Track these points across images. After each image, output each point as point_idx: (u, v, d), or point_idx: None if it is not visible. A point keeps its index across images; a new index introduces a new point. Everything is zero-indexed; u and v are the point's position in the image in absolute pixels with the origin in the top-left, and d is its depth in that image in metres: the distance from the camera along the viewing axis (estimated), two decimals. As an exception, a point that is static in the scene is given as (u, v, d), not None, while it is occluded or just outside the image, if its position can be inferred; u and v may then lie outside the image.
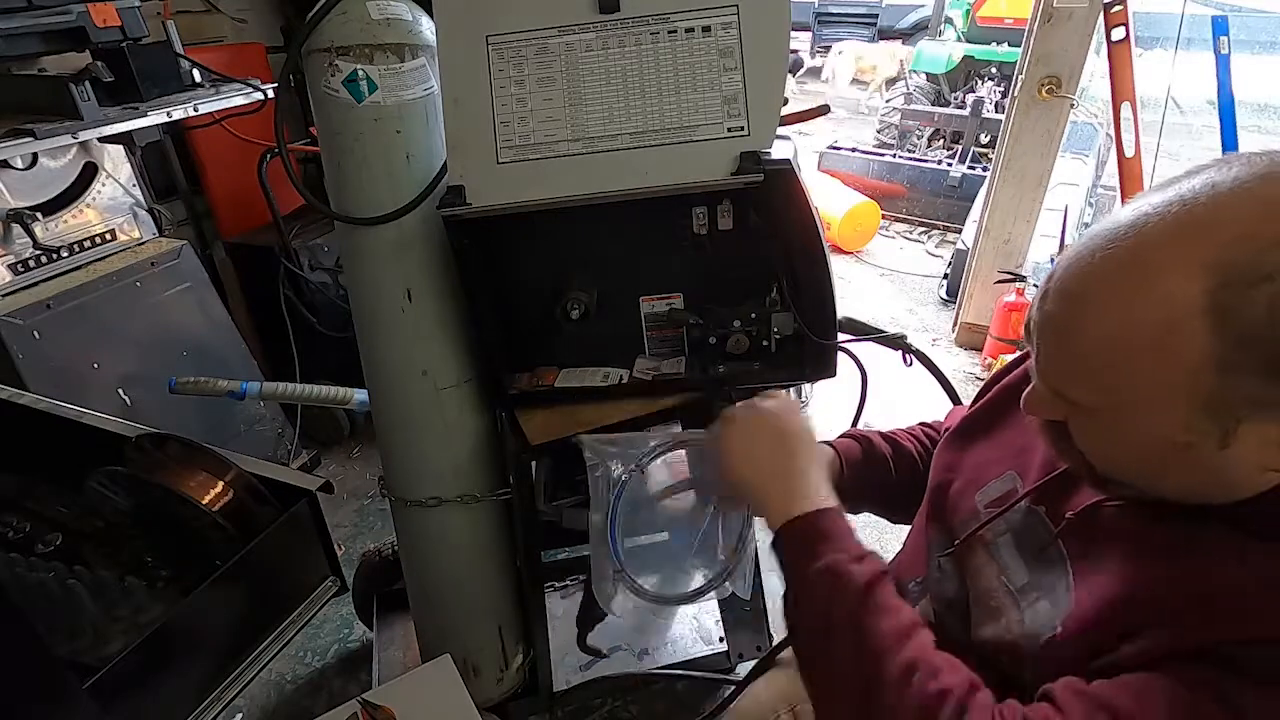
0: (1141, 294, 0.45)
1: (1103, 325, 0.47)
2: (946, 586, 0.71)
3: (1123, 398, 0.49)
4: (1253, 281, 0.42)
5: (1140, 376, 0.47)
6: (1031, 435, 0.68)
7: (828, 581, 0.60)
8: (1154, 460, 0.51)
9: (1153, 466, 0.51)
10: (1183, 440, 0.47)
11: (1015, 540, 0.65)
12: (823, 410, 2.71)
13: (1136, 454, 0.51)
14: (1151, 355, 0.46)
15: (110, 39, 1.68)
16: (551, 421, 1.15)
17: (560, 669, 1.54)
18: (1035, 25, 2.52)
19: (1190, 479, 0.51)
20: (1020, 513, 0.65)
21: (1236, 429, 0.46)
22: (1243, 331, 0.42)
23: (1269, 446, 0.46)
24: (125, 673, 0.88)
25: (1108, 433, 0.52)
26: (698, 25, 0.92)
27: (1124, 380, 0.48)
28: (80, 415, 1.29)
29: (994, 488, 0.69)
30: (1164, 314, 0.45)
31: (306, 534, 1.17)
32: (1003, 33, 5.60)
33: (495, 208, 0.95)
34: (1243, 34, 2.99)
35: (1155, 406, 0.47)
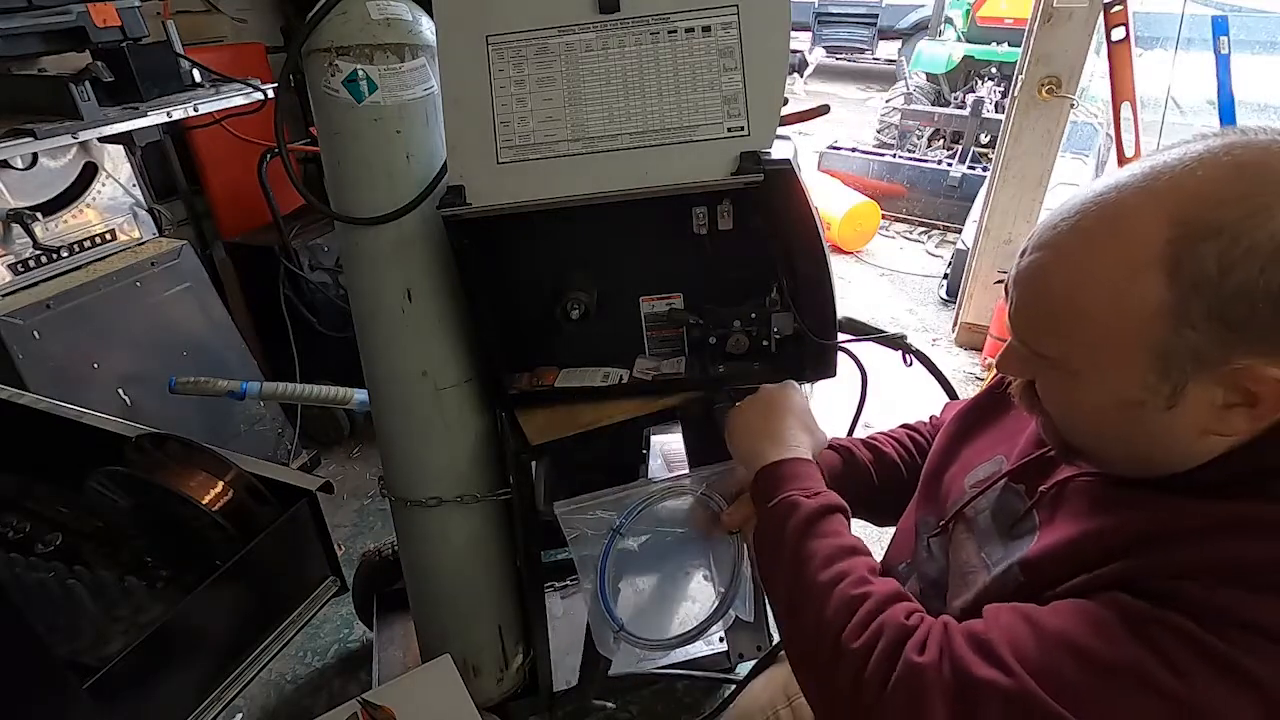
0: (1107, 244, 0.48)
1: (1071, 273, 0.50)
2: (931, 566, 0.73)
3: (1083, 350, 0.51)
4: (1205, 236, 0.44)
5: (1099, 326, 0.49)
6: (1023, 422, 0.70)
7: (781, 512, 0.68)
8: (1109, 422, 0.53)
9: (1107, 429, 0.54)
10: (1135, 397, 0.50)
11: (993, 516, 0.68)
12: (823, 410, 2.71)
13: (1093, 415, 0.54)
14: (1110, 303, 0.48)
15: (110, 39, 1.68)
16: (551, 421, 1.15)
17: (560, 669, 1.54)
18: (1035, 25, 2.52)
19: (1140, 445, 0.53)
20: (1000, 490, 0.68)
21: (1184, 388, 0.48)
22: (1193, 282, 0.45)
23: (1210, 409, 0.48)
24: (125, 673, 0.88)
25: (1069, 392, 0.54)
26: (698, 25, 0.92)
27: (1085, 330, 0.50)
28: (80, 415, 1.29)
29: (982, 470, 0.72)
30: (1125, 262, 0.47)
31: (306, 534, 1.17)
32: (1003, 33, 5.60)
33: (495, 208, 0.95)
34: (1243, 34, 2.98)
35: (1111, 359, 0.50)
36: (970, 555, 0.67)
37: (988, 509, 0.68)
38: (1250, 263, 0.43)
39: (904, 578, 0.76)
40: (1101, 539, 0.53)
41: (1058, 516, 0.60)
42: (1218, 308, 0.44)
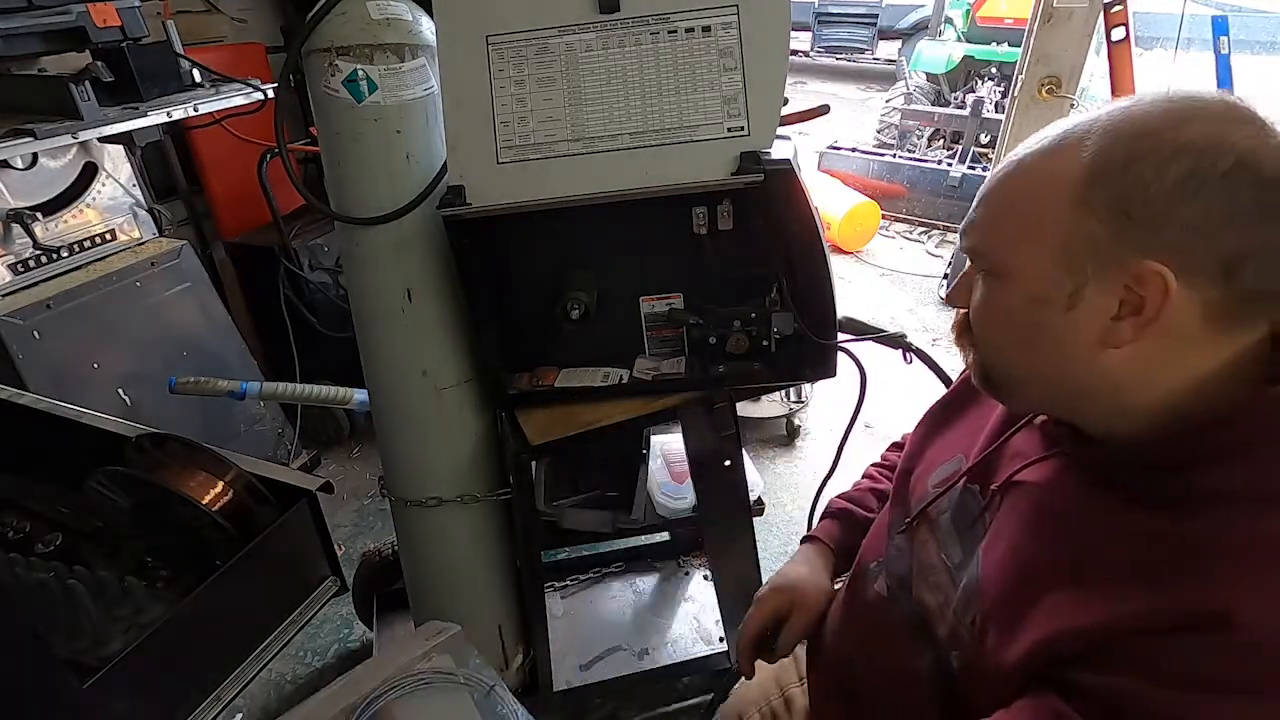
0: (1050, 152, 0.53)
1: (1015, 177, 0.55)
2: (899, 564, 0.74)
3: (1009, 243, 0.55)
4: (1121, 136, 0.49)
5: (1023, 213, 0.54)
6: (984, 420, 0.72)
7: None
8: (1018, 325, 0.55)
9: (1016, 334, 0.56)
10: (1042, 293, 0.52)
11: (953, 517, 0.69)
12: (823, 410, 2.71)
13: (1007, 319, 0.56)
14: (1034, 190, 0.53)
15: (110, 39, 1.68)
16: (551, 421, 1.15)
17: (560, 669, 1.54)
18: (1035, 25, 2.52)
19: (1043, 355, 0.55)
20: (959, 491, 0.69)
21: (1084, 289, 0.50)
22: (1101, 170, 0.49)
23: (1104, 319, 0.50)
24: (125, 673, 0.88)
25: (993, 300, 0.57)
26: (698, 25, 0.92)
27: (1012, 220, 0.54)
28: (80, 415, 1.29)
29: (944, 469, 0.73)
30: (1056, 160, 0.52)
31: (306, 534, 1.17)
32: (1003, 33, 5.60)
33: (495, 208, 0.95)
34: (1243, 34, 2.98)
35: (1028, 250, 0.53)
36: (931, 556, 0.69)
37: (948, 509, 0.70)
38: (1152, 159, 0.47)
39: (874, 575, 0.77)
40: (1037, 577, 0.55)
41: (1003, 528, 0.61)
42: (1119, 196, 0.48)
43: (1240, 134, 0.46)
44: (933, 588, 0.67)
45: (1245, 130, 0.46)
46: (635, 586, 1.79)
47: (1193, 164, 0.46)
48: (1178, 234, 0.47)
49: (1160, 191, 0.46)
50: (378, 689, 0.97)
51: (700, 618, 1.69)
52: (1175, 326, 0.48)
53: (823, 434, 2.64)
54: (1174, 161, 0.46)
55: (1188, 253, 0.47)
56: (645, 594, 1.77)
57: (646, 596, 1.77)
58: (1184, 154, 0.46)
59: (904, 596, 0.71)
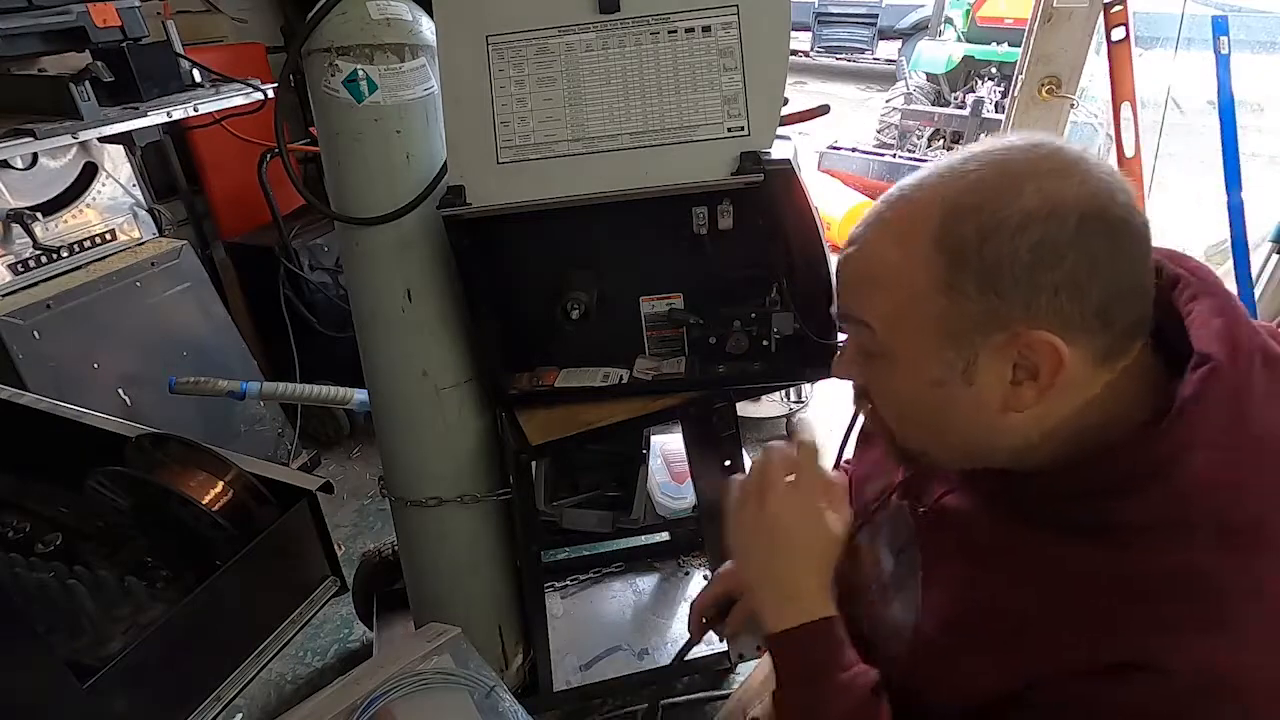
0: (897, 228, 0.53)
1: (871, 254, 0.55)
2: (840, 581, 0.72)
3: (886, 328, 0.54)
4: (966, 213, 0.49)
5: (893, 301, 0.53)
6: None
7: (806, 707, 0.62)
8: (924, 406, 0.55)
9: (925, 414, 0.56)
10: (937, 375, 0.52)
11: (886, 534, 0.69)
12: (822, 410, 2.71)
13: (911, 400, 0.56)
14: (897, 278, 0.52)
15: (110, 39, 1.68)
16: (551, 421, 1.15)
17: (560, 669, 1.54)
18: (1035, 25, 2.51)
19: (956, 429, 0.55)
20: (891, 508, 0.69)
21: (976, 362, 0.51)
22: (960, 253, 0.49)
23: (1003, 384, 0.51)
24: (125, 673, 0.88)
25: (888, 380, 0.57)
26: (698, 25, 0.92)
27: (884, 306, 0.54)
28: (80, 415, 1.29)
29: (878, 484, 0.73)
30: (908, 241, 0.52)
31: (306, 534, 1.17)
32: (1003, 33, 5.59)
33: (495, 208, 0.95)
34: (1243, 34, 2.98)
35: (909, 336, 0.53)
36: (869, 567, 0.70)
37: (882, 525, 0.70)
38: (1002, 232, 0.47)
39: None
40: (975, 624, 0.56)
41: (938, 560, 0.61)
42: (984, 276, 0.48)
43: (1073, 185, 0.47)
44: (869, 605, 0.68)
45: (1075, 179, 0.47)
46: (635, 586, 1.79)
47: (1041, 232, 0.47)
48: (1050, 299, 0.47)
49: (1021, 264, 0.47)
50: (378, 689, 0.98)
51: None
52: (1072, 380, 0.49)
53: (823, 434, 2.64)
54: (1023, 234, 0.47)
55: (1064, 313, 0.48)
56: (645, 594, 1.77)
57: (646, 596, 1.77)
58: (1031, 224, 0.47)
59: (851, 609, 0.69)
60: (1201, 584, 0.46)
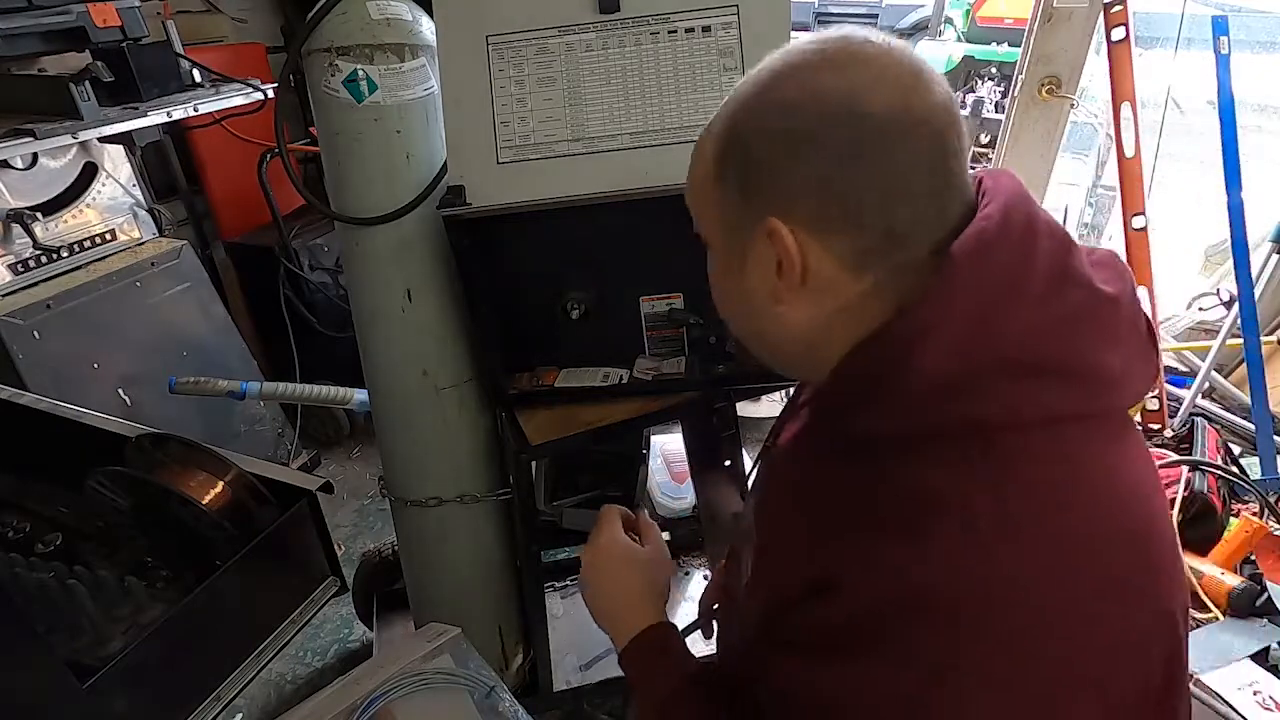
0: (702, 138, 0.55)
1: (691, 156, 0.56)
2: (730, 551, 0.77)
3: (696, 216, 0.57)
4: (732, 103, 0.51)
5: (694, 192, 0.56)
6: None
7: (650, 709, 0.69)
8: (727, 297, 0.58)
9: (729, 304, 0.59)
10: (725, 263, 0.56)
11: (755, 483, 0.71)
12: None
13: (717, 290, 0.60)
14: (695, 173, 0.55)
15: (110, 39, 1.68)
16: (551, 421, 1.15)
17: (560, 669, 1.54)
18: (1035, 25, 2.51)
19: (747, 318, 0.58)
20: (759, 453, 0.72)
21: (746, 255, 0.52)
22: (725, 139, 0.51)
23: (770, 278, 0.51)
24: (125, 673, 0.88)
25: (709, 271, 0.60)
26: (698, 25, 0.92)
27: (691, 194, 0.57)
28: (80, 415, 1.29)
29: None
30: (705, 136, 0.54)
31: (306, 534, 1.17)
32: (1003, 33, 5.59)
33: (495, 208, 0.95)
34: (1243, 34, 2.98)
35: (707, 227, 0.56)
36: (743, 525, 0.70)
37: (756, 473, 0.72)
38: (756, 122, 0.49)
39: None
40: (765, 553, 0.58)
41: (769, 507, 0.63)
42: (740, 166, 0.50)
43: (840, 80, 0.46)
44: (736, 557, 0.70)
45: (849, 73, 0.47)
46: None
47: (788, 123, 0.47)
48: (796, 190, 0.47)
49: (769, 155, 0.48)
50: (378, 689, 0.98)
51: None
52: (821, 278, 0.49)
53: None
54: (773, 124, 0.48)
55: (807, 206, 0.48)
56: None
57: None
58: (783, 115, 0.47)
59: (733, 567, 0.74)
60: (898, 497, 0.45)
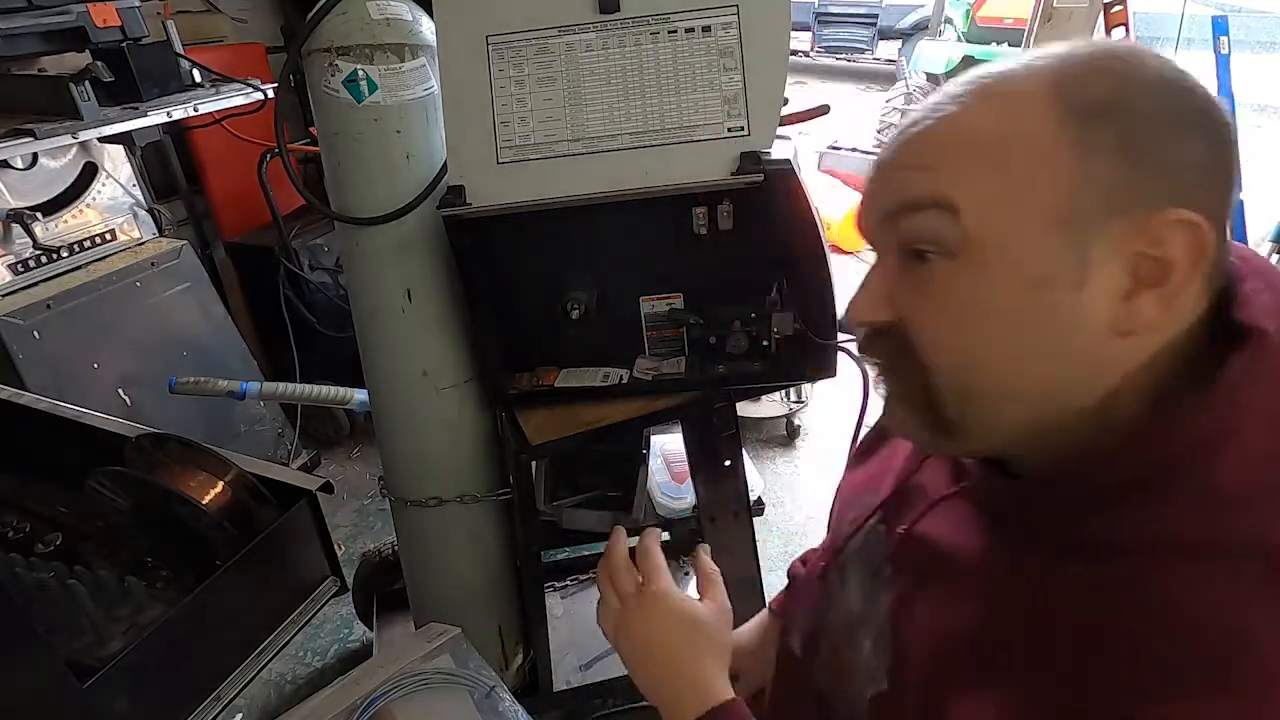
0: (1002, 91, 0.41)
1: (963, 119, 0.42)
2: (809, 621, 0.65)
3: (975, 207, 0.40)
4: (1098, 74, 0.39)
5: (998, 170, 0.40)
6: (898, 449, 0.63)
7: None
8: (1010, 323, 0.41)
9: (1010, 338, 0.41)
10: (1042, 270, 0.39)
11: (857, 567, 0.59)
12: (823, 410, 2.71)
13: (992, 317, 0.41)
14: (1006, 141, 0.40)
15: (110, 39, 1.68)
16: (551, 421, 1.15)
17: (560, 669, 1.54)
18: (1035, 25, 2.52)
19: (1048, 355, 0.41)
20: (866, 532, 0.60)
21: (1088, 253, 0.38)
22: (1097, 106, 0.38)
23: (1117, 298, 0.39)
24: (125, 673, 0.88)
25: (955, 295, 0.42)
26: (698, 25, 0.92)
27: (977, 176, 0.40)
28: (80, 415, 1.29)
29: (861, 504, 0.64)
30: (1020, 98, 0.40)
31: (306, 534, 1.17)
32: (1003, 33, 5.60)
33: (495, 208, 0.95)
34: (1243, 34, 2.99)
35: (1012, 222, 0.40)
36: (838, 615, 0.60)
37: (855, 553, 0.60)
38: (1135, 87, 0.38)
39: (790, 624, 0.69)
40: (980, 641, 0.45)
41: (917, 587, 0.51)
42: (1123, 132, 0.37)
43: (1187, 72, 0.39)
44: (835, 654, 0.58)
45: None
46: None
47: (1175, 99, 0.38)
48: (1192, 176, 0.37)
49: (1159, 126, 0.37)
50: (378, 689, 0.98)
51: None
52: (1184, 303, 0.38)
53: (823, 434, 2.64)
54: (1158, 95, 0.38)
55: (1205, 200, 0.37)
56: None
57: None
58: (1165, 88, 0.38)
59: (811, 657, 0.63)
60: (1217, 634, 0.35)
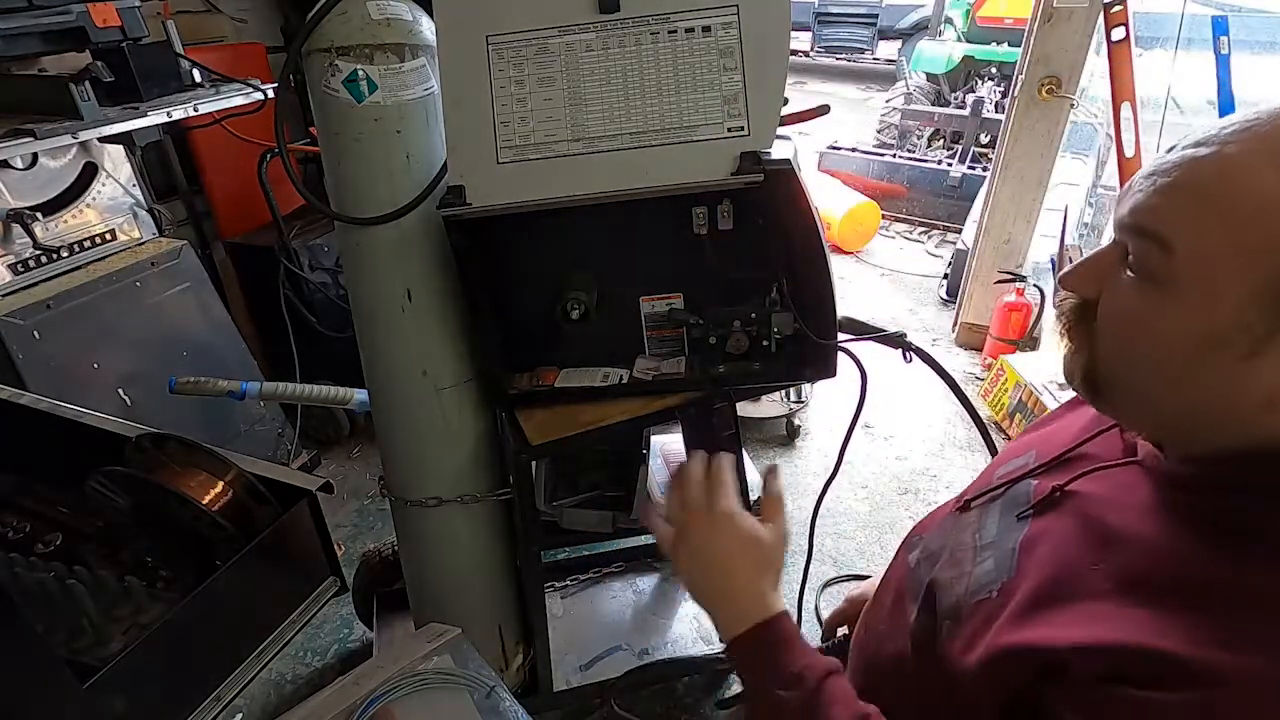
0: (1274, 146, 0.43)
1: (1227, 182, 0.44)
2: (936, 540, 0.72)
3: (1203, 255, 0.44)
4: None
5: (1237, 227, 0.43)
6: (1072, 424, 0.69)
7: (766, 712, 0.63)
8: (1173, 359, 0.47)
9: (1167, 367, 0.47)
10: (1221, 334, 0.44)
11: (1002, 506, 0.66)
12: (823, 410, 2.71)
13: (1160, 345, 0.47)
14: (1255, 209, 0.42)
15: (110, 39, 1.68)
16: (551, 421, 1.15)
17: (560, 669, 1.54)
18: (1035, 25, 2.52)
19: (1190, 398, 0.48)
20: (1017, 484, 0.66)
21: (1275, 337, 0.43)
22: None
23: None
24: (125, 673, 0.88)
25: (1147, 310, 0.47)
26: (698, 25, 0.92)
27: (1221, 229, 0.44)
28: (80, 415, 1.29)
29: (1014, 464, 0.71)
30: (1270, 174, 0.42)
31: (306, 534, 1.16)
32: (1003, 33, 5.61)
33: (495, 208, 0.95)
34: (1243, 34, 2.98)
35: (1224, 274, 0.43)
36: (966, 537, 0.67)
37: (1000, 499, 0.67)
38: None
39: (913, 546, 0.76)
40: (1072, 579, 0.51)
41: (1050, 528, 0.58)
42: None
43: None
44: (954, 563, 0.65)
45: None
46: (635, 586, 1.79)
47: None
48: None
49: None
50: (378, 689, 0.98)
51: (700, 618, 1.69)
52: None
53: (823, 434, 2.64)
54: None
55: None
56: (645, 594, 1.77)
57: (646, 596, 1.77)
58: None
59: (926, 568, 0.69)
60: None
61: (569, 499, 1.39)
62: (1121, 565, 0.50)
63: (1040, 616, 0.51)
